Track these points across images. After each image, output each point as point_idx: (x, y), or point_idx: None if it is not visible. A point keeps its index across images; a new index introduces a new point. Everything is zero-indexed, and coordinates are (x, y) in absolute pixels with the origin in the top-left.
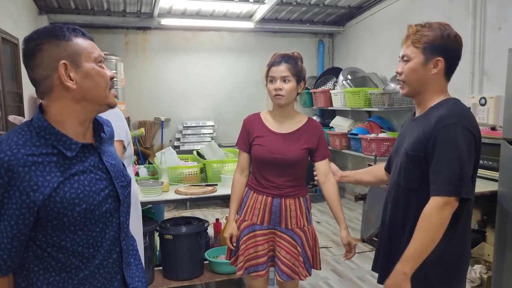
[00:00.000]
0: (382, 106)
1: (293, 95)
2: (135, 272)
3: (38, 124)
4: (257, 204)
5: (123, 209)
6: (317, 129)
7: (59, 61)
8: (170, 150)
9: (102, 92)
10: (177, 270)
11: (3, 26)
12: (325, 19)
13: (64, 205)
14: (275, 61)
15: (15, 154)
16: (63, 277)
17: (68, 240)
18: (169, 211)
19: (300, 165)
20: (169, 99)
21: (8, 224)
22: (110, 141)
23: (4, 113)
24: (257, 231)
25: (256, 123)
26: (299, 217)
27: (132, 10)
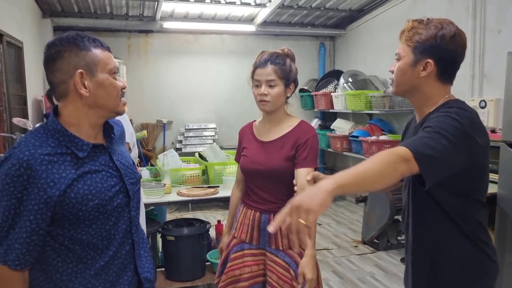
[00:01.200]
0: (383, 109)
1: (281, 100)
2: (144, 263)
3: (52, 126)
4: (245, 220)
5: (133, 204)
6: (306, 132)
7: (77, 69)
8: (172, 152)
9: (113, 101)
10: (179, 271)
11: (8, 30)
12: (326, 22)
13: (78, 200)
14: (260, 62)
15: (33, 154)
16: (80, 268)
17: (84, 233)
18: (171, 212)
19: (287, 176)
20: (171, 101)
21: (27, 219)
22: (121, 140)
23: (9, 115)
24: (246, 250)
25: (246, 133)
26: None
27: (134, 13)
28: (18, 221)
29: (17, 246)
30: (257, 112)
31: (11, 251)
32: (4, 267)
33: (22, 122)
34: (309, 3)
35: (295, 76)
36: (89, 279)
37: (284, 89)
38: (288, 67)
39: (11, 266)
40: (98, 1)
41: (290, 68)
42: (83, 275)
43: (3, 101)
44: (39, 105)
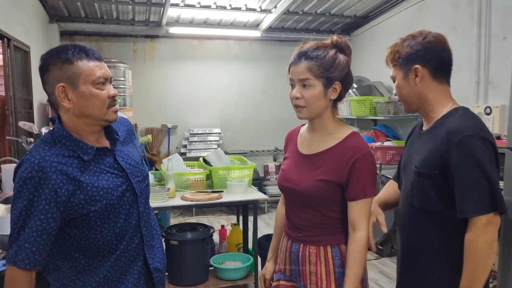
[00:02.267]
0: (387, 115)
1: (320, 104)
2: (156, 253)
3: (58, 133)
4: (282, 246)
5: (141, 200)
6: (354, 151)
7: (59, 82)
8: (177, 157)
9: (98, 111)
10: (183, 276)
11: (15, 34)
12: (331, 28)
13: (87, 201)
14: (294, 57)
15: (43, 157)
16: (99, 260)
17: (98, 232)
18: (174, 217)
19: (323, 201)
20: (176, 106)
21: (38, 219)
22: (128, 138)
23: (15, 119)
24: (281, 281)
25: (291, 140)
26: (320, 276)
27: (140, 18)
28: (28, 222)
29: (26, 245)
30: (262, 117)
31: (20, 251)
32: (13, 268)
33: (28, 126)
34: (314, 9)
35: (342, 72)
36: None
37: (323, 89)
38: (330, 61)
39: (20, 266)
40: (105, 6)
41: (334, 62)
42: (102, 266)
43: (9, 105)
44: (45, 109)
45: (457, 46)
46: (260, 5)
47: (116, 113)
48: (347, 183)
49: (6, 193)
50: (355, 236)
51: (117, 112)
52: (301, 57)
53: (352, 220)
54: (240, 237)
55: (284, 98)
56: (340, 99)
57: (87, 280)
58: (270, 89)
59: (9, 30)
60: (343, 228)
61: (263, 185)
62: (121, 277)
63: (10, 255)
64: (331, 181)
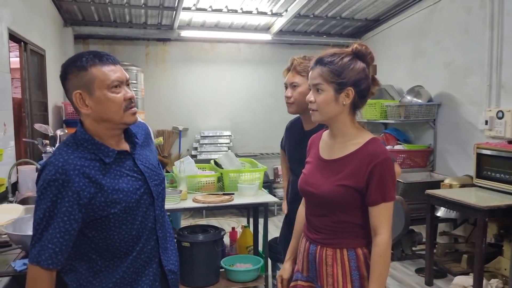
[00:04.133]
0: (398, 118)
1: (332, 108)
2: (170, 255)
3: (81, 136)
4: (300, 247)
5: (157, 203)
6: (372, 157)
7: (76, 90)
8: (189, 159)
9: (115, 115)
10: (194, 277)
11: (31, 38)
12: (342, 32)
13: (107, 203)
14: (312, 63)
15: (67, 160)
16: (116, 261)
17: (115, 234)
18: (185, 219)
19: (342, 205)
20: (187, 109)
21: (60, 220)
22: (146, 143)
23: (31, 121)
24: (299, 281)
25: (314, 145)
26: (336, 278)
27: (153, 22)
28: (52, 223)
29: (50, 246)
30: (272, 120)
31: (44, 251)
32: (36, 267)
33: (43, 128)
34: (325, 12)
35: (355, 77)
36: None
37: (334, 94)
38: (342, 67)
39: (43, 265)
40: (118, 10)
41: (347, 68)
42: (119, 267)
43: (25, 107)
44: (59, 111)
45: (469, 50)
46: (271, 8)
47: (135, 115)
48: (366, 188)
49: (23, 194)
50: (376, 240)
51: (135, 114)
52: (317, 63)
53: (373, 224)
54: (251, 240)
55: None
56: (357, 106)
57: (103, 281)
58: (280, 92)
59: (26, 34)
60: (360, 232)
61: (273, 188)
62: (137, 278)
63: (33, 254)
64: (351, 186)
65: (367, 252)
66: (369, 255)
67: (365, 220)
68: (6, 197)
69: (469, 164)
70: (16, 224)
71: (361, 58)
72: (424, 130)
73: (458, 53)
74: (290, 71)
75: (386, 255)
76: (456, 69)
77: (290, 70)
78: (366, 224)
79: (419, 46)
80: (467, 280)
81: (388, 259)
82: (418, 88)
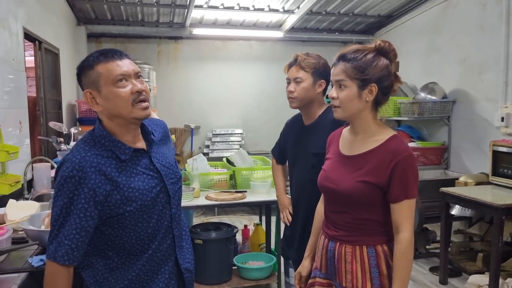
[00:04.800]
0: (412, 115)
1: (354, 105)
2: (186, 254)
3: (99, 133)
4: (319, 244)
5: (173, 202)
6: (394, 155)
7: (86, 89)
8: (201, 157)
9: (123, 110)
10: (207, 275)
11: (45, 37)
12: (354, 28)
13: (123, 201)
14: (334, 60)
15: (84, 157)
16: (132, 259)
17: (131, 231)
18: (197, 216)
19: (362, 202)
20: (199, 107)
21: (77, 216)
22: (164, 141)
23: (46, 119)
24: (317, 278)
25: (334, 141)
26: (355, 275)
27: (165, 20)
28: (68, 219)
29: (66, 242)
30: (284, 118)
31: (60, 247)
32: (53, 264)
33: (58, 126)
34: (337, 9)
35: (378, 74)
36: (135, 270)
37: (357, 91)
38: (366, 63)
39: (60, 261)
40: (130, 9)
41: (371, 64)
42: (134, 264)
43: (40, 106)
44: (73, 110)
45: (485, 46)
46: (283, 5)
47: (145, 110)
48: (388, 185)
49: (38, 190)
50: (398, 238)
51: (146, 109)
52: (340, 59)
53: (395, 222)
54: (263, 237)
55: None
56: (380, 103)
57: (119, 278)
58: None
59: (41, 33)
60: (380, 229)
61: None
62: (153, 276)
63: (50, 251)
64: (372, 183)
65: (387, 249)
66: (389, 253)
67: (385, 217)
68: (22, 194)
69: (484, 161)
70: (32, 220)
71: (384, 55)
72: (438, 127)
73: (473, 49)
74: (292, 66)
75: (408, 252)
76: (471, 65)
77: (292, 66)
78: (387, 221)
79: (433, 43)
80: (482, 279)
81: (411, 257)
82: (432, 85)
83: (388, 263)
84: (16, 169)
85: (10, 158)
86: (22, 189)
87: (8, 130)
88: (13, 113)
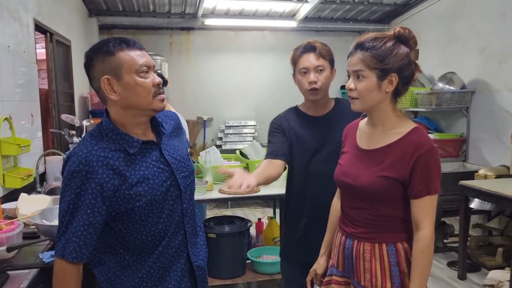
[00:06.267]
0: (429, 107)
1: (374, 96)
2: (199, 251)
3: (106, 126)
4: (336, 241)
5: (185, 196)
6: (416, 148)
7: (104, 75)
8: (214, 150)
9: (143, 101)
10: (220, 269)
11: (57, 29)
12: (369, 17)
13: (132, 196)
14: (351, 49)
15: (90, 151)
16: (143, 256)
17: (142, 227)
18: (210, 209)
19: (382, 198)
20: (212, 98)
21: (84, 213)
22: (175, 133)
23: (58, 112)
24: (334, 276)
25: (350, 134)
26: (374, 273)
27: (176, 11)
28: (76, 215)
29: (74, 239)
30: None
31: (68, 244)
32: (62, 261)
33: (70, 119)
34: None
35: (399, 63)
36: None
37: (377, 81)
38: (385, 52)
39: (68, 259)
40: (142, 0)
41: (390, 53)
42: (145, 261)
43: (52, 98)
44: (85, 102)
45: (506, 33)
46: None
47: (163, 101)
48: (409, 179)
49: (51, 184)
50: (418, 235)
51: (163, 101)
52: (357, 48)
53: (415, 218)
54: (277, 231)
55: None
56: (400, 93)
57: (131, 276)
58: None
59: (52, 25)
60: (400, 226)
61: None
62: (164, 273)
63: (58, 248)
64: (392, 178)
65: (408, 247)
66: (410, 250)
67: (406, 214)
68: (34, 187)
69: (504, 153)
70: (43, 214)
71: (404, 42)
72: (456, 119)
73: (494, 37)
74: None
75: (429, 250)
76: (491, 54)
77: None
78: (407, 217)
79: (451, 31)
80: (503, 275)
81: (431, 255)
82: (451, 75)
83: (409, 261)
84: (28, 163)
85: (22, 152)
86: (34, 182)
87: (20, 123)
88: (25, 105)
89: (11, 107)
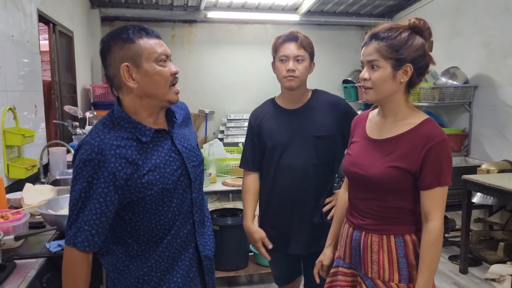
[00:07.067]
0: (432, 101)
1: (388, 86)
2: (207, 241)
3: (118, 114)
4: (343, 233)
5: (195, 186)
6: (427, 140)
7: (123, 62)
8: (218, 142)
9: (161, 90)
10: (223, 261)
11: (60, 20)
12: (372, 11)
13: (143, 185)
14: (366, 39)
15: (103, 140)
16: (152, 245)
17: (152, 216)
18: (211, 202)
19: (392, 189)
20: (213, 92)
21: (97, 201)
22: (185, 123)
23: (60, 103)
24: (340, 267)
25: (359, 125)
26: (382, 265)
27: (179, 3)
28: (88, 204)
29: (86, 228)
30: None
31: (80, 233)
32: (73, 249)
33: (73, 110)
34: None
35: (414, 54)
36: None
37: (391, 71)
38: (401, 42)
39: (80, 247)
40: None
41: (406, 43)
42: (154, 251)
43: (55, 89)
44: (87, 94)
45: (510, 28)
46: None
47: (177, 94)
48: (420, 171)
49: (54, 175)
50: (427, 227)
51: (178, 94)
52: (372, 38)
53: (425, 209)
54: None
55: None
56: (413, 84)
57: (140, 266)
58: None
59: (55, 16)
60: (409, 218)
61: None
62: (173, 263)
63: (69, 236)
64: (403, 168)
65: (416, 239)
66: (419, 242)
67: (415, 205)
68: (38, 178)
69: (507, 148)
70: (49, 205)
71: (419, 33)
72: (459, 113)
73: (498, 32)
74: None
75: (438, 243)
76: (495, 49)
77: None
78: (416, 209)
79: (455, 26)
80: (505, 269)
81: (440, 248)
82: (454, 70)
83: (417, 253)
84: (32, 153)
85: (26, 142)
86: (38, 173)
87: (24, 113)
88: (29, 96)
89: (15, 97)
